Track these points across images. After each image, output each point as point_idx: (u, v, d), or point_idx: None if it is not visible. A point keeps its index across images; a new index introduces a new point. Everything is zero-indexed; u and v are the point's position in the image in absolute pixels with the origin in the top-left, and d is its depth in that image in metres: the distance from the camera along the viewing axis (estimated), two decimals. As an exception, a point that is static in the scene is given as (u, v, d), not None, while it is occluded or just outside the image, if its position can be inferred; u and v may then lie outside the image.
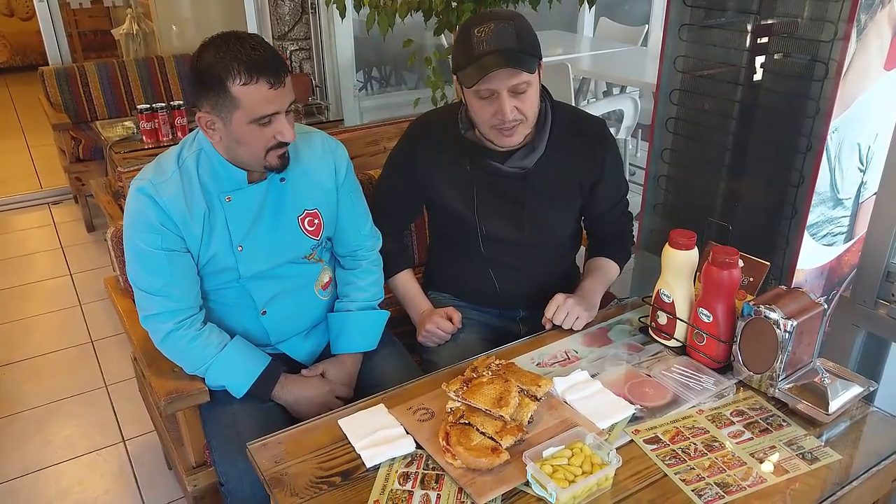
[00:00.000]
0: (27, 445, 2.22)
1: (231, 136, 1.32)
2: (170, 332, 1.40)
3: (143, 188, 1.35)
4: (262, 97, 1.27)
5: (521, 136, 1.48)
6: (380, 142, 2.32)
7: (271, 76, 1.26)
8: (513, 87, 1.39)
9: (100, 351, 2.70)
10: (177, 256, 1.38)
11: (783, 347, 1.23)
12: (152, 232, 1.35)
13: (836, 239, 1.89)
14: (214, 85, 1.27)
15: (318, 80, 4.17)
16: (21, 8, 6.94)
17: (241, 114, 1.28)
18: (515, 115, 1.42)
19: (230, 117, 1.29)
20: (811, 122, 1.71)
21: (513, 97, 1.40)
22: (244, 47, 1.26)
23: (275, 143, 1.33)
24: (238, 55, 1.25)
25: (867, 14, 1.60)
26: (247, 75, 1.24)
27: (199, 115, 1.33)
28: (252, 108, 1.27)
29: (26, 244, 3.65)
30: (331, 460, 1.15)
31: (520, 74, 1.38)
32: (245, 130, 1.30)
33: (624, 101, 3.71)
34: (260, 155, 1.34)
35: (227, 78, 1.25)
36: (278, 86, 1.27)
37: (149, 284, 1.38)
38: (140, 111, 3.14)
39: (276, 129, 1.31)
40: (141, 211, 1.35)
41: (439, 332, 1.62)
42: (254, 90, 1.26)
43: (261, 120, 1.29)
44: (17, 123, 5.65)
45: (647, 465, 1.13)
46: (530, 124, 1.47)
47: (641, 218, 2.25)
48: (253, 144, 1.32)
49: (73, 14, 6.26)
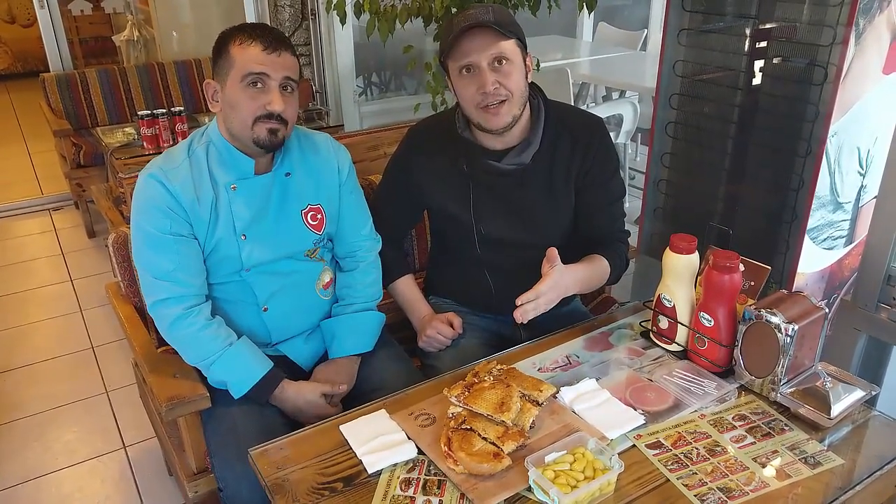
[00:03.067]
0: (27, 452, 2.21)
1: (226, 100, 1.40)
2: (178, 317, 1.42)
3: (153, 174, 1.41)
4: (253, 57, 1.36)
5: (509, 115, 1.47)
6: (380, 147, 2.33)
7: (266, 41, 1.37)
8: (492, 58, 1.42)
9: (100, 357, 2.70)
10: (185, 241, 1.42)
11: (784, 351, 1.23)
12: (162, 216, 1.40)
13: (836, 242, 1.89)
14: (220, 51, 1.40)
15: (319, 85, 4.18)
16: (22, 15, 6.96)
17: (234, 73, 1.37)
18: (497, 89, 1.43)
19: (226, 79, 1.39)
20: (810, 126, 1.71)
21: (493, 72, 1.43)
22: (258, 26, 1.40)
23: (264, 113, 1.38)
24: (246, 26, 1.40)
25: (865, 18, 1.60)
26: (246, 37, 1.37)
27: (206, 82, 1.44)
28: (242, 65, 1.36)
29: (27, 250, 3.65)
30: (332, 466, 1.15)
31: (497, 44, 1.42)
32: (236, 91, 1.38)
33: (623, 106, 3.71)
34: (248, 123, 1.39)
35: (229, 41, 1.39)
36: (272, 51, 1.37)
37: (157, 269, 1.42)
38: (141, 117, 3.14)
39: (265, 98, 1.37)
40: (151, 195, 1.40)
41: (440, 337, 1.62)
42: (248, 49, 1.36)
43: (249, 77, 1.36)
44: (19, 130, 5.66)
45: (650, 471, 1.13)
46: (517, 104, 1.47)
47: (642, 222, 2.25)
48: (242, 109, 1.38)
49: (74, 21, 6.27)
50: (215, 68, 1.41)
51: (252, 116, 1.38)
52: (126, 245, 1.66)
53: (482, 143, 1.55)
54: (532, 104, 1.55)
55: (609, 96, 4.51)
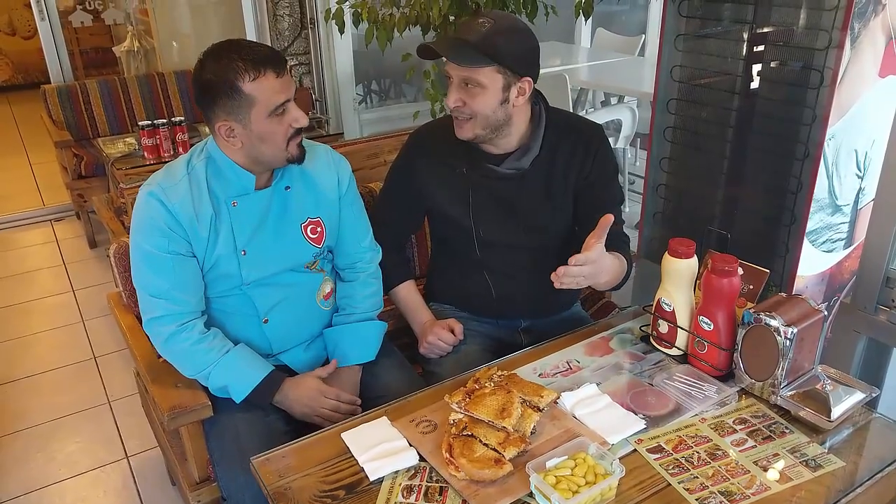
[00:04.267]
0: (30, 463, 2.22)
1: (252, 135, 1.37)
2: (172, 334, 1.42)
3: (153, 192, 1.39)
4: (272, 87, 1.33)
5: (471, 132, 1.50)
6: (380, 154, 2.33)
7: (276, 66, 1.33)
8: (461, 78, 1.44)
9: (103, 367, 2.71)
10: (182, 260, 1.41)
11: (784, 354, 1.23)
12: (160, 235, 1.39)
13: (835, 245, 1.89)
14: (226, 89, 1.31)
15: (318, 94, 4.19)
16: (23, 26, 6.99)
17: (258, 110, 1.33)
18: (459, 107, 1.46)
19: (248, 117, 1.34)
20: (808, 130, 1.72)
21: (461, 89, 1.46)
22: (242, 48, 1.33)
23: (293, 132, 1.39)
24: (240, 55, 1.32)
25: (860, 22, 1.61)
26: (255, 70, 1.31)
27: (217, 126, 1.37)
28: (266, 100, 1.33)
29: (29, 261, 3.66)
30: (334, 474, 1.15)
31: (468, 69, 1.43)
32: (265, 125, 1.35)
33: (622, 111, 3.73)
34: (282, 147, 1.39)
35: (237, 78, 1.31)
36: (284, 73, 1.35)
37: (154, 287, 1.41)
38: (141, 127, 3.16)
39: (291, 118, 1.37)
40: (150, 214, 1.39)
41: (441, 343, 1.63)
42: (264, 83, 1.32)
43: (277, 110, 1.35)
44: (20, 141, 5.68)
45: (651, 475, 1.13)
46: (480, 124, 1.49)
47: (641, 227, 2.26)
48: (275, 137, 1.37)
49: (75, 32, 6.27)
50: (222, 108, 1.33)
51: (285, 140, 1.38)
52: (127, 255, 1.66)
53: (482, 148, 1.56)
54: (533, 110, 1.56)
55: (608, 102, 4.53)
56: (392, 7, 2.76)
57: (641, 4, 5.33)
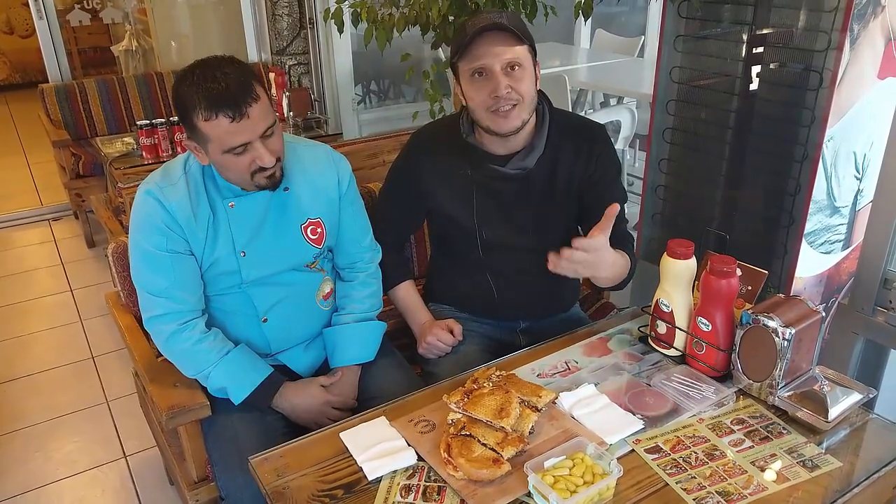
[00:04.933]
0: (28, 462, 2.21)
1: (215, 162, 1.37)
2: (173, 333, 1.42)
3: (150, 191, 1.40)
4: (225, 131, 1.29)
5: (519, 119, 1.48)
6: (379, 155, 2.34)
7: (230, 110, 1.26)
8: (505, 63, 1.42)
9: (101, 367, 2.70)
10: (181, 259, 1.41)
11: (782, 355, 1.23)
12: (158, 234, 1.39)
13: (833, 247, 1.90)
14: (186, 119, 1.32)
15: (317, 94, 4.19)
16: (21, 25, 6.99)
17: (213, 146, 1.32)
18: (509, 93, 1.44)
19: (206, 147, 1.34)
20: (807, 131, 1.72)
21: (506, 76, 1.43)
22: (207, 80, 1.27)
23: (256, 168, 1.35)
24: (200, 88, 1.27)
25: (860, 24, 1.61)
26: (206, 111, 1.27)
27: (186, 143, 1.38)
28: (219, 140, 1.30)
29: (27, 260, 3.66)
30: (333, 473, 1.15)
31: (511, 48, 1.42)
32: (222, 159, 1.34)
33: (621, 112, 3.73)
34: (246, 178, 1.37)
35: (192, 113, 1.29)
36: (239, 118, 1.27)
37: (153, 286, 1.42)
38: (140, 127, 3.15)
39: (252, 156, 1.33)
40: (148, 213, 1.39)
41: (440, 344, 1.63)
42: (216, 125, 1.28)
43: (233, 150, 1.31)
44: (18, 140, 5.67)
45: (649, 475, 1.13)
46: (527, 108, 1.48)
47: (640, 228, 2.26)
48: (235, 170, 1.36)
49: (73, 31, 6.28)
50: (186, 129, 1.34)
51: (248, 173, 1.36)
52: (126, 255, 1.66)
53: (486, 148, 1.56)
54: (537, 110, 1.56)
55: (607, 103, 4.53)
56: (391, 7, 2.76)
57: (641, 6, 5.34)
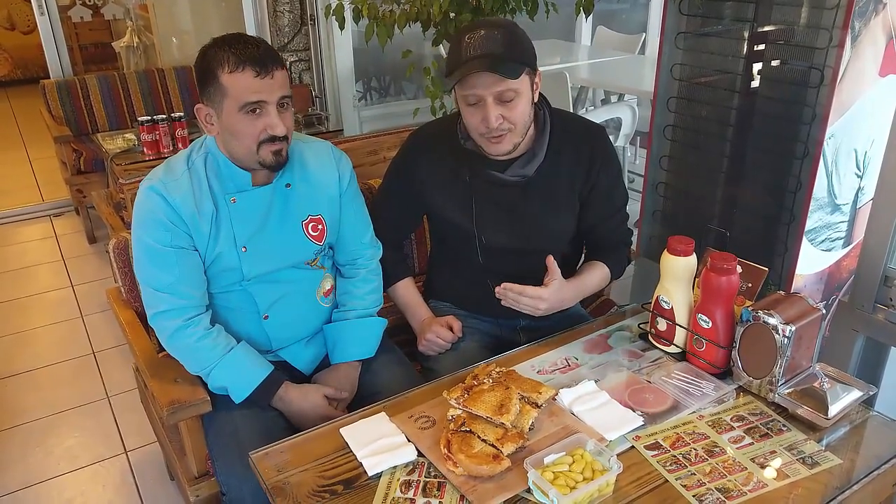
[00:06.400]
0: (29, 457, 2.22)
1: (225, 127, 1.37)
2: (177, 329, 1.42)
3: (153, 187, 1.40)
4: (247, 85, 1.32)
5: (510, 144, 1.47)
6: (379, 151, 2.34)
7: (258, 65, 1.32)
8: (498, 94, 1.40)
9: (101, 362, 2.71)
10: (185, 254, 1.41)
11: (782, 352, 1.23)
12: (162, 229, 1.39)
13: (834, 244, 1.90)
14: (209, 76, 1.34)
15: (318, 90, 4.19)
16: (22, 21, 6.98)
17: (229, 102, 1.34)
18: (501, 124, 1.42)
19: (222, 107, 1.35)
20: (808, 129, 1.72)
21: (499, 105, 1.41)
22: (239, 43, 1.34)
23: (266, 137, 1.37)
24: (231, 48, 1.33)
25: (861, 21, 1.61)
26: (233, 64, 1.31)
27: (197, 107, 1.40)
28: (238, 95, 1.33)
29: (28, 256, 3.66)
30: (333, 469, 1.15)
31: (504, 81, 1.38)
32: (235, 120, 1.35)
33: (622, 109, 3.72)
34: (252, 148, 1.38)
35: (218, 68, 1.32)
36: (265, 75, 1.32)
37: (158, 281, 1.42)
38: (141, 123, 3.16)
39: (265, 122, 1.35)
40: (151, 209, 1.40)
41: (439, 341, 1.63)
42: (240, 77, 1.31)
43: (247, 107, 1.33)
44: (19, 136, 5.67)
45: (648, 471, 1.13)
46: (519, 133, 1.47)
47: (640, 225, 2.26)
48: (244, 136, 1.37)
49: (74, 27, 6.28)
50: (204, 92, 1.37)
51: (256, 142, 1.37)
52: (127, 250, 1.67)
53: (485, 154, 1.55)
54: (538, 115, 1.54)
55: (608, 100, 4.53)
56: (392, 3, 2.76)
57: (642, 2, 5.33)
